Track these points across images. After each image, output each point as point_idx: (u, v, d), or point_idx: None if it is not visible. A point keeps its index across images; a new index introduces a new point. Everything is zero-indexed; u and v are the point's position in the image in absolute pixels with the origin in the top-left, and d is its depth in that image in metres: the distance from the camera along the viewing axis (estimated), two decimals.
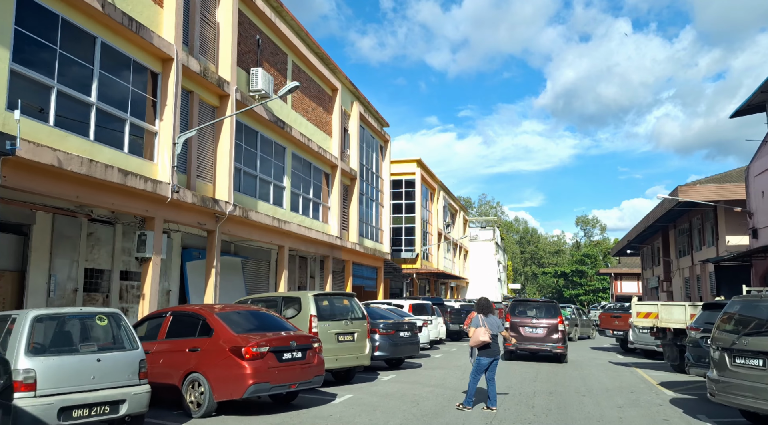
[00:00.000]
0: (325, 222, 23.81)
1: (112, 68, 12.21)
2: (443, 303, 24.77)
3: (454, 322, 23.69)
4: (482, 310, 8.68)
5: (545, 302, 16.81)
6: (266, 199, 18.86)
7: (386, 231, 32.19)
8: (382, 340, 12.51)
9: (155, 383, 7.92)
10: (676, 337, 13.57)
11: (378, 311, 13.86)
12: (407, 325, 13.13)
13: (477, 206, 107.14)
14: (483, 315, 8.62)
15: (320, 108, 23.37)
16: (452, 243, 53.94)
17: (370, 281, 30.32)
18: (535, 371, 14.09)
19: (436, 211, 46.91)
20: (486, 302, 8.88)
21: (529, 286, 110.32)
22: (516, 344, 15.51)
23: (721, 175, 32.65)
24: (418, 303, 19.38)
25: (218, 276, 15.70)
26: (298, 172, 21.37)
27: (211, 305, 8.42)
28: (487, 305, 8.88)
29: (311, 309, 10.05)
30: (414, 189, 40.87)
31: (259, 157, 18.38)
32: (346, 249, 25.48)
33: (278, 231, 18.97)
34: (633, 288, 71.74)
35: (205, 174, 15.73)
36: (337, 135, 24.56)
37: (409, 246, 40.51)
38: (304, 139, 20.89)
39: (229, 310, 8.25)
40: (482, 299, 8.90)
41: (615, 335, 20.20)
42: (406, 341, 12.89)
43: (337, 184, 24.39)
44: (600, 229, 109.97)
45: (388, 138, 32.65)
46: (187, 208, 14.28)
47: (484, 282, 63.52)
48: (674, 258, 43.30)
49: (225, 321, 7.86)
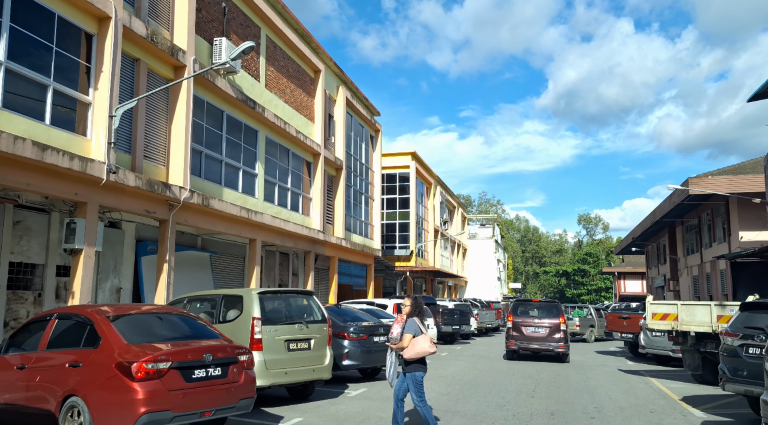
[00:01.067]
0: (306, 214, 21.85)
1: (29, 24, 10.25)
2: (435, 303, 22.80)
3: (447, 323, 21.72)
4: (419, 312, 6.83)
5: (547, 302, 16.92)
6: (234, 186, 16.90)
7: (377, 226, 30.23)
8: (352, 347, 10.55)
9: (28, 409, 5.97)
10: (698, 343, 11.60)
11: (351, 312, 11.89)
12: (383, 329, 11.18)
13: (477, 204, 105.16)
14: (419, 319, 6.78)
15: (300, 90, 21.41)
16: (450, 240, 51.96)
17: (359, 279, 28.36)
18: (534, 381, 12.12)
19: (432, 206, 44.94)
20: (422, 302, 7.07)
21: (530, 286, 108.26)
22: (518, 343, 16.07)
23: (734, 166, 30.65)
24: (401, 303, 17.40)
25: (172, 272, 13.73)
26: (273, 159, 19.41)
27: (106, 306, 6.45)
28: (423, 306, 7.06)
29: (254, 310, 8.08)
30: (408, 183, 38.89)
31: (225, 139, 16.42)
32: (330, 245, 23.52)
33: (248, 222, 17.02)
34: (637, 287, 69.75)
35: (157, 155, 13.76)
36: (320, 121, 22.59)
37: (404, 243, 38.54)
38: (280, 122, 18.93)
39: (128, 313, 6.27)
40: (418, 298, 7.05)
41: (624, 338, 18.25)
42: (381, 347, 10.95)
43: (320, 174, 22.43)
44: (603, 228, 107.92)
45: (379, 127, 30.67)
46: (131, 193, 12.33)
47: (484, 281, 61.52)
48: (681, 255, 41.35)
49: (118, 327, 5.89)
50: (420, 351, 6.50)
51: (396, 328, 6.83)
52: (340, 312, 11.57)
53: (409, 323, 6.70)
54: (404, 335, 6.63)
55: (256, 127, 18.15)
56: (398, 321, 6.88)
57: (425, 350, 6.50)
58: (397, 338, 6.75)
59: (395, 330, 6.84)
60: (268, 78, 18.92)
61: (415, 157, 38.98)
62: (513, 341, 16.30)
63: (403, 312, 6.85)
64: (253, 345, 7.89)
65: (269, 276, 22.82)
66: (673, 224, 42.63)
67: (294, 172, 20.98)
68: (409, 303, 6.87)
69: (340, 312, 11.63)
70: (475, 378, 12.29)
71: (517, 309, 16.77)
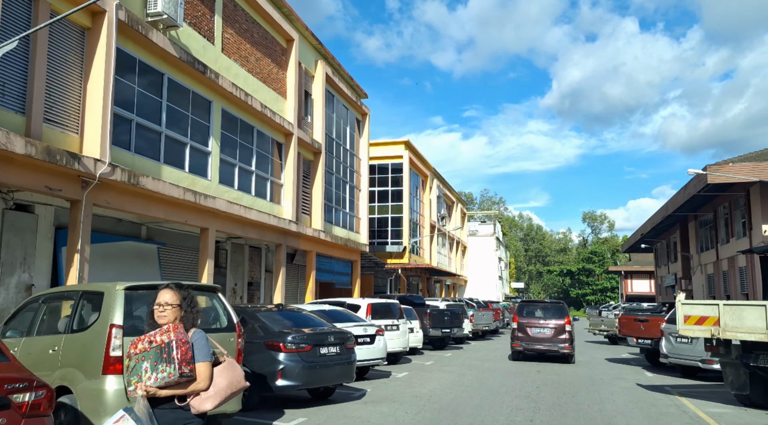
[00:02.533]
0: (276, 202, 19.22)
1: None
2: (424, 303, 20.15)
3: (435, 326, 19.05)
4: (194, 317, 3.51)
5: (552, 303, 16.94)
6: (178, 164, 14.27)
7: (364, 219, 27.57)
8: (289, 361, 7.90)
9: None
10: (747, 355, 8.92)
11: (298, 316, 9.22)
12: (334, 337, 8.54)
13: (479, 202, 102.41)
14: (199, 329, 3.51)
15: (268, 59, 18.76)
16: (448, 237, 49.25)
17: (343, 277, 25.72)
18: (533, 405, 9.44)
19: (428, 200, 42.25)
20: (195, 297, 3.69)
21: (533, 285, 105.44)
22: (524, 344, 16.10)
23: (757, 153, 27.87)
24: (380, 303, 14.76)
25: (85, 265, 11.10)
26: (232, 136, 16.78)
27: None
28: (197, 303, 3.69)
29: (114, 314, 5.44)
30: (401, 174, 36.22)
31: (165, 107, 13.78)
32: (306, 238, 20.88)
33: (197, 208, 14.41)
34: (645, 287, 66.97)
35: (67, 120, 11.14)
36: (293, 97, 19.94)
37: (396, 239, 35.89)
38: (240, 93, 16.31)
39: None
40: (190, 290, 3.66)
41: (640, 344, 15.58)
42: (331, 361, 8.32)
43: (293, 157, 19.79)
44: (608, 226, 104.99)
45: (367, 111, 28.01)
46: (22, 164, 9.72)
47: (484, 281, 58.79)
48: (694, 253, 38.64)
49: None
50: (231, 390, 3.39)
51: (145, 363, 3.25)
52: (281, 317, 8.91)
53: (196, 340, 3.41)
54: (196, 366, 3.31)
55: (209, 97, 15.52)
56: (178, 340, 3.28)
57: (236, 386, 3.43)
58: (165, 377, 3.21)
59: (144, 365, 3.25)
60: (225, 41, 16.28)
61: (408, 146, 36.31)
62: (518, 342, 16.26)
63: (165, 319, 3.43)
64: (107, 368, 5.26)
65: (236, 273, 20.23)
66: (685, 219, 39.96)
67: (260, 153, 18.34)
68: (177, 299, 3.50)
69: (282, 316, 8.97)
70: (457, 400, 9.63)
71: (522, 310, 16.76)
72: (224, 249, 19.31)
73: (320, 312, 11.52)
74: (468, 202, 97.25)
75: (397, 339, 14.34)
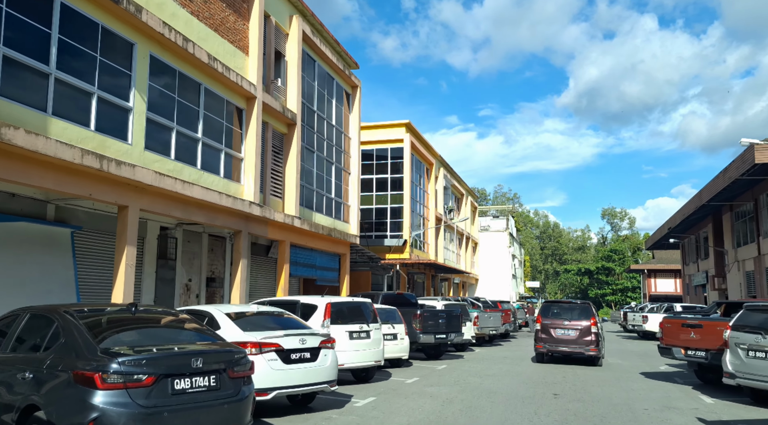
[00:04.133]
0: (234, 180, 15.83)
1: None
2: (415, 303, 16.63)
3: (428, 331, 15.49)
4: None
5: (579, 303, 16.46)
6: (79, 120, 10.87)
7: (354, 206, 24.10)
8: (110, 406, 4.40)
9: None
10: None
11: (158, 324, 5.67)
12: (205, 360, 4.97)
13: (492, 198, 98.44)
14: None
15: (222, 4, 15.35)
16: (456, 232, 45.56)
17: (328, 272, 22.28)
18: None
19: (433, 191, 38.63)
20: None
21: (549, 285, 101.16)
22: (548, 346, 15.67)
23: None
24: (345, 303, 11.23)
25: None
26: (168, 92, 13.38)
27: None
28: None
29: None
30: (402, 160, 32.67)
31: (57, 41, 10.38)
32: (275, 224, 17.48)
33: (108, 178, 11.05)
34: (669, 286, 62.74)
35: None
36: (256, 54, 16.52)
37: (397, 232, 32.36)
38: (178, 38, 12.92)
39: None
40: None
41: (689, 357, 11.91)
42: (197, 401, 4.79)
43: (257, 126, 16.39)
44: (629, 222, 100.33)
45: (357, 83, 24.52)
46: None
47: (497, 279, 54.99)
48: (730, 247, 34.63)
49: None
50: None
51: None
52: (128, 326, 5.42)
53: None
54: None
55: (131, 38, 12.11)
56: None
57: None
58: None
59: None
60: None
61: (409, 128, 32.74)
62: (542, 343, 15.81)
63: None
64: None
65: (191, 267, 16.90)
66: (718, 211, 36.01)
67: (210, 118, 14.94)
68: None
69: (130, 324, 5.49)
70: None
71: (546, 311, 16.31)
72: (173, 237, 15.96)
73: (242, 315, 8.05)
74: (481, 198, 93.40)
75: (365, 351, 10.82)
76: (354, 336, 10.75)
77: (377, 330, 11.35)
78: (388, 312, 13.67)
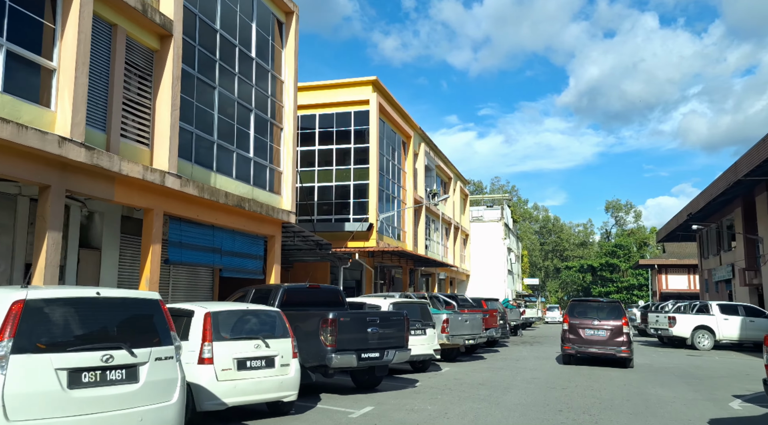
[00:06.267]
0: (43, 104, 9.77)
1: None
2: (341, 301, 10.55)
3: (344, 349, 9.37)
4: None
5: (609, 302, 15.68)
6: None
7: (288, 173, 18.02)
8: None
9: None
10: None
11: None
12: None
13: (489, 191, 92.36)
14: None
15: None
16: (442, 220, 39.47)
17: (247, 260, 16.23)
18: None
19: (411, 169, 32.52)
20: None
21: (550, 282, 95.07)
22: (576, 347, 15.25)
23: None
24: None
25: None
26: None
27: None
28: None
29: None
30: (367, 126, 26.58)
31: None
32: (127, 181, 11.43)
33: None
34: (682, 283, 56.69)
35: None
36: None
37: (361, 214, 26.31)
38: None
39: None
40: None
41: None
42: None
43: (77, 21, 10.32)
44: (635, 216, 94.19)
45: (293, 9, 18.43)
46: None
47: (490, 275, 48.87)
48: (765, 234, 28.61)
49: None
50: None
51: None
52: None
53: None
54: None
55: None
56: None
57: None
58: None
59: None
60: None
61: (377, 87, 26.62)
62: (569, 344, 15.19)
63: None
64: None
65: None
66: (750, 192, 30.07)
67: None
68: None
69: None
70: None
71: (573, 310, 15.68)
72: None
73: None
74: (477, 190, 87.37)
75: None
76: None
77: (169, 365, 5.32)
78: (260, 318, 7.62)
